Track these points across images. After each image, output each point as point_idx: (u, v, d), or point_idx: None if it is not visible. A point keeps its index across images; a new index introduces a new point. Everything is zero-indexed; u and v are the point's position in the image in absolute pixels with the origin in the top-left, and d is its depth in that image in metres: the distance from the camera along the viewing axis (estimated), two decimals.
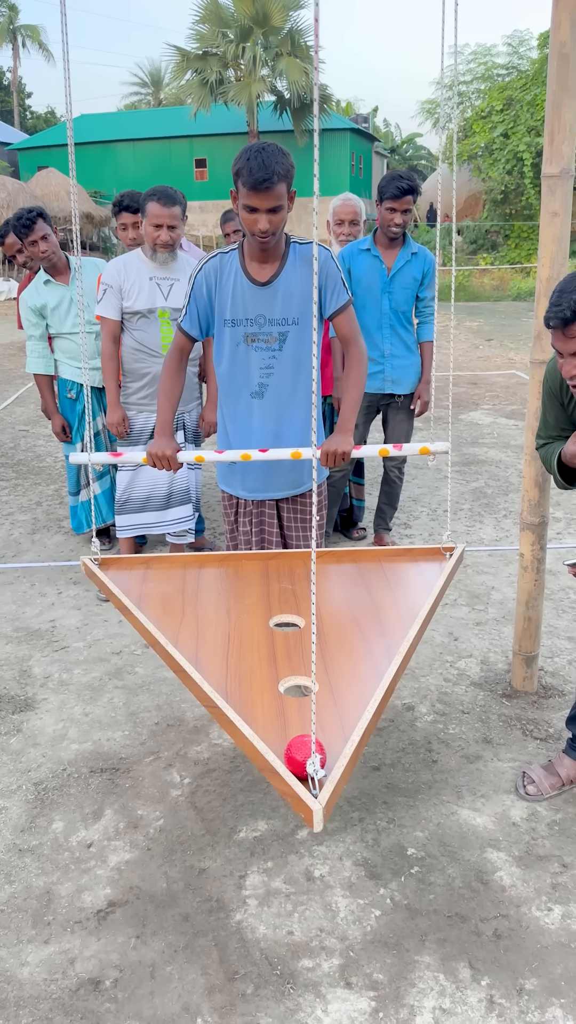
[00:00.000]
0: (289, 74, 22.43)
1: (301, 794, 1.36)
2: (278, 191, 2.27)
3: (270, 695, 1.76)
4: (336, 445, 2.42)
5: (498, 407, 7.83)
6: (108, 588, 2.19)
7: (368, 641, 1.98)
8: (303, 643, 1.99)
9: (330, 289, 2.52)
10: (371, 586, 2.31)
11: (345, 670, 1.86)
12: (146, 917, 2.04)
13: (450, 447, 2.47)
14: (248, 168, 2.24)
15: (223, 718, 1.60)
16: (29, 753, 2.69)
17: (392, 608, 2.16)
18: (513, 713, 2.85)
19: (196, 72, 23.01)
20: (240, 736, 1.52)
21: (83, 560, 2.34)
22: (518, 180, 21.91)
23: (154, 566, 2.43)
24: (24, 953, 1.95)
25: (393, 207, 3.72)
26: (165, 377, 2.60)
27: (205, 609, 2.16)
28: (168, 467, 2.47)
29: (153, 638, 1.93)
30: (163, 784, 2.53)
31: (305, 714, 1.68)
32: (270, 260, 2.47)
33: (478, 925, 2.00)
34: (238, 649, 1.95)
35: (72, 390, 4.14)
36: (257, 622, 2.10)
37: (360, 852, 2.24)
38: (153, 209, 3.34)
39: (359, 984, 1.85)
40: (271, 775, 1.43)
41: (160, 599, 2.21)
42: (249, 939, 1.97)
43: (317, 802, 1.34)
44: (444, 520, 4.73)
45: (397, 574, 2.37)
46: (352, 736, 1.52)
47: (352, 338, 2.58)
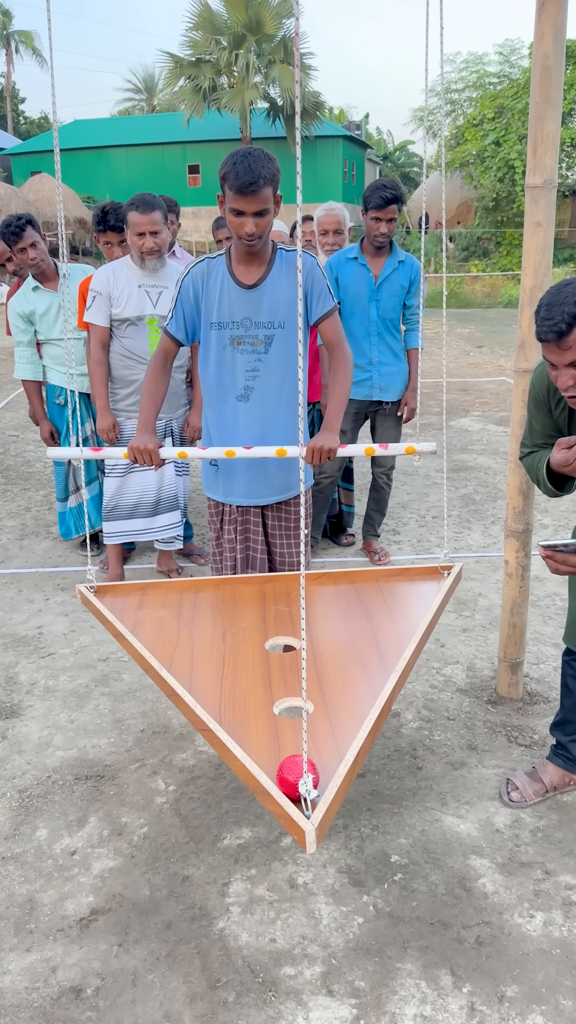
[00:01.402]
0: (282, 81, 22.52)
1: (294, 815, 1.36)
2: (264, 195, 2.29)
3: (264, 717, 1.76)
4: (322, 442, 2.43)
5: (488, 414, 7.86)
6: (103, 615, 2.19)
7: (365, 662, 1.99)
8: (298, 664, 2.00)
9: (316, 295, 2.53)
10: (368, 607, 2.31)
11: (341, 691, 1.86)
12: (129, 925, 2.04)
13: (436, 449, 2.48)
14: (234, 172, 2.26)
15: (216, 741, 1.59)
16: (14, 760, 2.68)
17: (389, 629, 2.17)
18: (498, 720, 2.86)
19: (189, 79, 23.07)
20: (232, 758, 1.52)
21: (79, 588, 2.35)
22: (509, 188, 22.04)
23: (150, 592, 2.43)
24: (6, 961, 1.94)
25: (378, 216, 3.74)
26: (149, 378, 2.61)
27: (201, 633, 2.16)
28: (149, 462, 2.47)
29: (147, 664, 1.92)
30: (148, 791, 2.52)
31: (300, 735, 1.68)
32: (256, 263, 2.49)
33: (460, 932, 2.00)
34: (232, 672, 1.96)
35: (60, 396, 4.15)
36: (252, 645, 2.11)
37: (344, 859, 2.24)
38: (133, 218, 3.36)
39: (341, 992, 1.85)
40: (264, 797, 1.43)
41: (156, 624, 2.21)
42: (232, 947, 1.97)
43: (310, 823, 1.34)
44: (432, 527, 4.75)
45: (395, 594, 2.38)
46: (347, 756, 1.52)
47: (337, 343, 2.59)
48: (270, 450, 2.45)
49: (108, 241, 3.76)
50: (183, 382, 3.84)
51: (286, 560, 2.82)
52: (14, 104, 44.61)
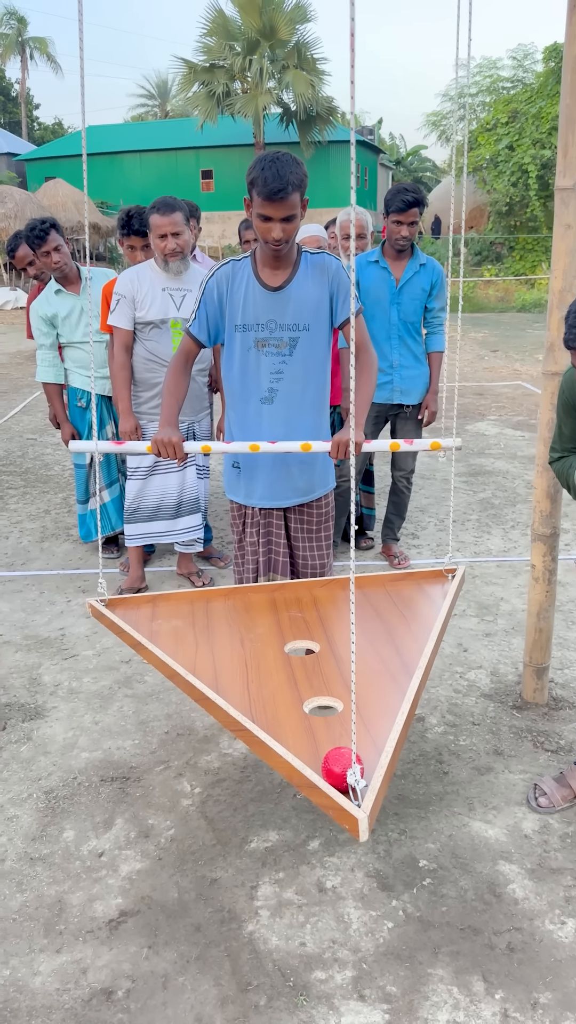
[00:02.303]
0: (295, 86, 22.56)
1: (345, 805, 1.36)
2: (292, 200, 2.30)
3: (296, 716, 1.76)
4: (346, 436, 2.43)
5: (504, 418, 7.84)
6: (118, 627, 2.19)
7: (385, 661, 1.99)
8: (321, 666, 2.00)
9: (341, 297, 2.54)
10: (380, 609, 2.32)
11: (367, 688, 1.86)
12: (158, 927, 2.04)
13: (461, 444, 2.48)
14: (263, 178, 2.27)
15: (253, 740, 1.59)
16: (39, 761, 2.69)
17: (403, 629, 2.17)
18: (524, 725, 2.84)
19: (203, 84, 23.16)
20: (273, 756, 1.52)
21: (89, 603, 2.34)
22: (523, 192, 22.00)
23: (160, 604, 2.44)
24: (36, 962, 1.94)
25: (399, 220, 3.75)
26: (170, 376, 2.62)
27: (218, 640, 2.17)
28: (173, 455, 2.47)
29: (171, 670, 1.93)
30: (173, 793, 2.52)
31: (334, 732, 1.68)
32: (282, 266, 2.49)
33: (491, 938, 1.99)
34: (257, 675, 1.96)
35: (82, 399, 4.16)
36: (272, 649, 2.11)
37: (372, 864, 2.23)
38: (155, 221, 3.38)
39: (372, 997, 1.84)
40: (310, 790, 1.43)
41: (171, 634, 2.22)
42: (261, 950, 1.97)
43: (361, 811, 1.34)
44: (452, 530, 4.73)
45: (403, 597, 2.39)
46: (386, 747, 1.53)
47: (363, 345, 2.60)
48: (295, 445, 2.45)
49: (132, 245, 3.78)
50: (204, 385, 3.85)
51: (308, 563, 2.82)
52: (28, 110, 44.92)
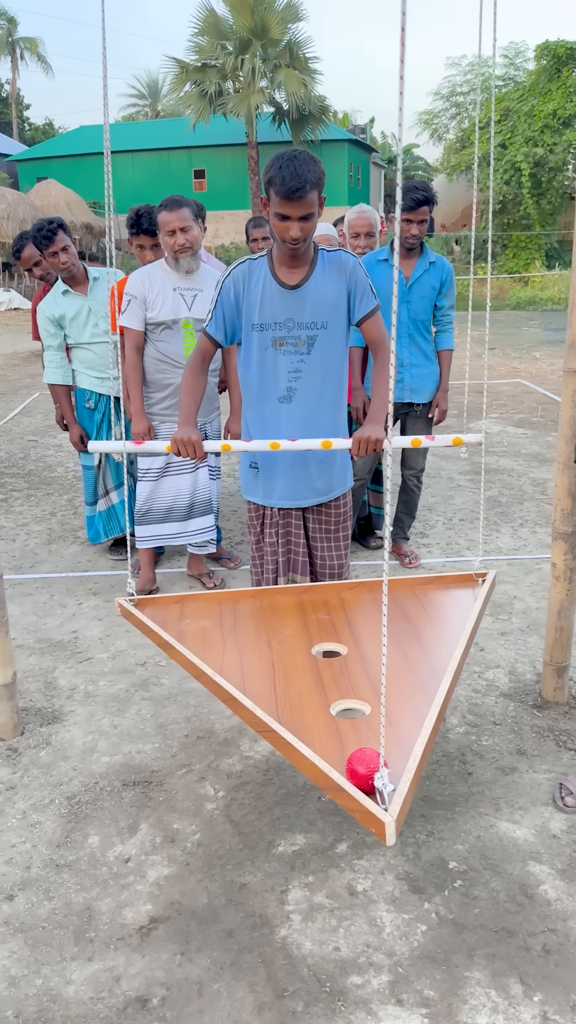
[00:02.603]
0: (288, 86, 22.50)
1: (371, 808, 1.34)
2: (310, 199, 2.28)
3: (323, 718, 1.75)
4: (368, 433, 2.42)
5: (506, 416, 7.84)
6: (146, 626, 2.19)
7: (413, 665, 1.98)
8: (349, 669, 1.99)
9: (358, 294, 2.53)
10: (408, 613, 2.31)
11: (395, 692, 1.85)
12: (189, 933, 2.02)
13: (483, 440, 2.47)
14: (281, 177, 2.25)
15: (280, 741, 1.58)
16: (59, 766, 2.66)
17: (432, 634, 2.16)
18: (545, 724, 2.83)
19: (195, 84, 23.09)
20: (300, 757, 1.51)
21: (118, 601, 2.36)
22: (516, 190, 22.03)
23: (188, 604, 2.44)
24: (68, 971, 1.92)
25: (409, 218, 3.73)
26: (187, 375, 2.61)
27: (245, 641, 2.16)
28: (193, 454, 2.45)
29: (198, 670, 1.92)
30: (197, 797, 2.50)
31: (361, 735, 1.67)
32: (300, 265, 2.48)
33: (526, 940, 1.98)
34: (284, 677, 1.95)
35: (90, 400, 4.13)
36: (299, 651, 2.10)
37: (401, 866, 2.21)
38: (163, 218, 3.36)
39: (410, 1001, 1.83)
40: (337, 793, 1.42)
41: (199, 634, 2.22)
42: (295, 955, 1.95)
43: (388, 815, 1.33)
44: (460, 529, 4.73)
45: (432, 602, 2.37)
46: (414, 751, 1.51)
47: (382, 341, 2.59)
48: (315, 442, 2.44)
49: (141, 244, 3.75)
50: (215, 386, 3.83)
51: (326, 563, 2.81)
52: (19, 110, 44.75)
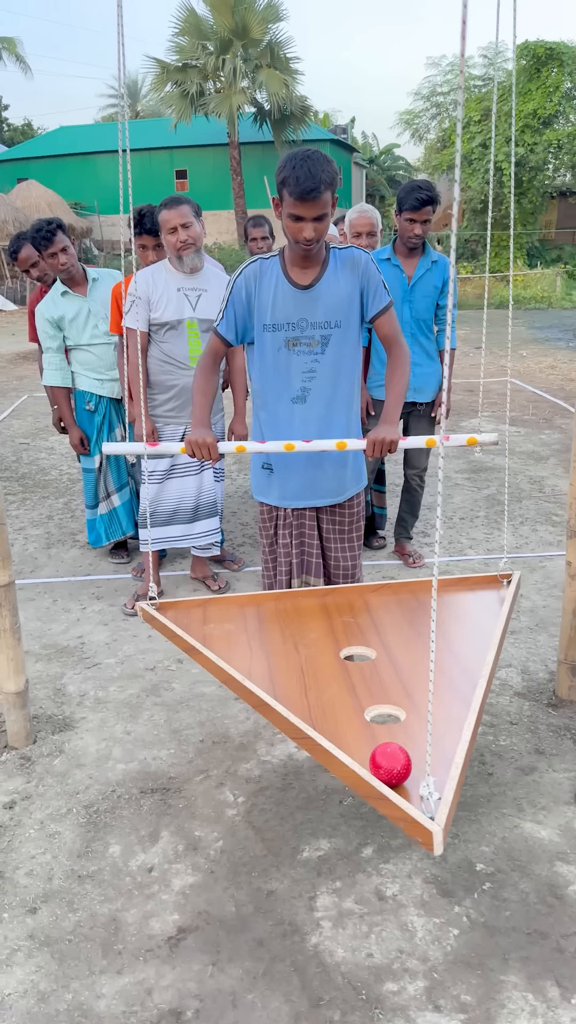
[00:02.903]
0: (269, 86, 22.44)
1: (418, 818, 1.32)
2: (324, 199, 2.26)
3: (358, 724, 1.73)
4: (384, 434, 2.41)
5: (498, 414, 7.86)
6: (170, 630, 2.15)
7: (445, 669, 1.96)
8: (380, 673, 1.96)
9: (371, 292, 2.51)
10: (436, 617, 2.28)
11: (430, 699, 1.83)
12: (219, 943, 1.99)
13: (497, 440, 2.46)
14: (295, 177, 2.22)
15: (317, 749, 1.55)
16: (75, 775, 2.62)
17: (461, 637, 2.14)
18: (561, 723, 2.83)
19: (176, 84, 22.98)
20: (339, 766, 1.48)
21: (140, 606, 2.32)
22: (497, 190, 22.14)
23: (211, 608, 2.41)
24: (98, 985, 1.88)
25: (413, 218, 3.72)
26: (199, 376, 2.58)
27: (271, 645, 2.13)
28: (208, 456, 2.43)
29: (226, 675, 1.89)
30: (217, 804, 2.47)
31: (398, 741, 1.65)
32: (312, 265, 2.45)
33: (559, 941, 1.96)
34: (315, 682, 1.92)
35: (90, 402, 4.09)
36: (327, 655, 2.07)
37: (428, 869, 2.19)
38: (163, 216, 3.33)
39: (448, 1007, 1.81)
40: (379, 802, 1.39)
41: (224, 638, 2.18)
42: (328, 963, 1.92)
43: (436, 824, 1.30)
44: (461, 528, 4.72)
45: (458, 604, 2.35)
46: (455, 759, 1.49)
47: (395, 338, 2.57)
48: (330, 443, 2.42)
49: (143, 244, 3.71)
50: (219, 386, 3.79)
51: (340, 564, 2.79)
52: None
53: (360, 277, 2.49)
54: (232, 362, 3.76)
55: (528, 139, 21.82)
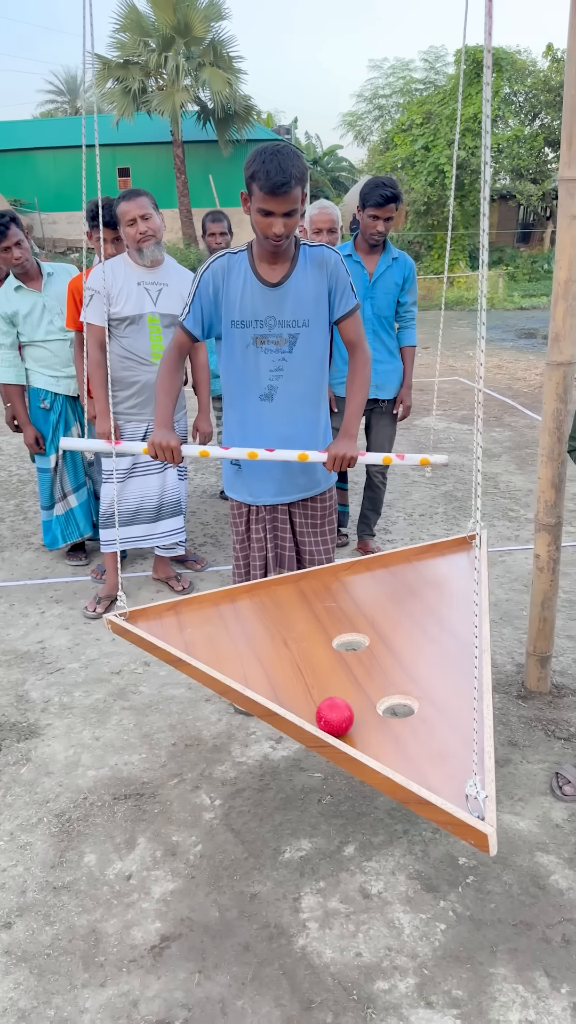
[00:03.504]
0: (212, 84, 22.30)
1: (470, 821, 1.28)
2: (294, 195, 2.23)
3: (374, 721, 1.68)
4: (344, 450, 2.40)
5: (449, 412, 7.94)
6: (148, 642, 2.02)
7: (440, 644, 1.93)
8: (378, 660, 1.93)
9: (339, 293, 2.49)
10: (412, 587, 2.27)
11: (437, 682, 1.79)
12: (204, 950, 1.94)
13: (448, 461, 2.50)
14: (264, 172, 2.19)
15: (341, 757, 1.49)
16: (44, 783, 2.54)
17: (444, 605, 2.12)
18: (532, 714, 2.85)
19: (118, 80, 22.68)
20: (370, 772, 1.42)
21: (108, 618, 2.14)
22: (440, 192, 22.42)
23: (184, 610, 2.29)
24: (81, 999, 1.82)
25: (376, 215, 3.72)
26: (163, 373, 2.52)
27: (259, 644, 2.06)
28: (171, 459, 2.38)
29: (223, 686, 1.78)
30: (193, 807, 2.42)
31: (419, 734, 1.61)
32: (281, 262, 2.42)
33: (545, 931, 1.97)
34: (316, 680, 1.86)
35: (45, 400, 3.98)
36: (320, 647, 2.02)
37: (411, 865, 2.18)
38: (122, 209, 3.27)
39: (440, 1003, 1.79)
40: (423, 807, 1.35)
41: (208, 643, 2.08)
42: (317, 964, 1.89)
43: (488, 824, 1.28)
44: (422, 524, 4.75)
45: (432, 570, 2.34)
46: (485, 748, 1.46)
47: (357, 342, 2.56)
48: (292, 454, 2.41)
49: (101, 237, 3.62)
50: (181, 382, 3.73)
51: (315, 557, 2.77)
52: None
53: (329, 277, 2.46)
54: (195, 358, 3.71)
55: (468, 142, 22.17)
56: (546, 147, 23.79)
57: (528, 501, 5.11)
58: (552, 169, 24.10)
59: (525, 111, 24.58)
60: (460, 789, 1.42)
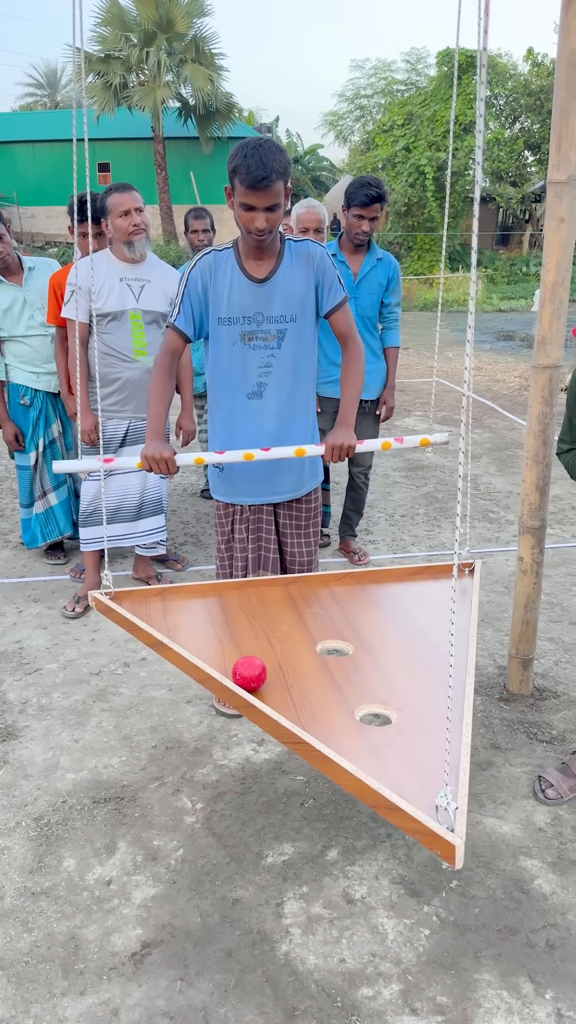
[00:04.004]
0: (194, 81, 22.19)
1: (438, 831, 1.27)
2: (276, 189, 2.21)
3: (351, 726, 1.67)
4: (341, 440, 2.38)
5: (429, 413, 7.96)
6: (131, 623, 2.02)
7: (425, 662, 1.93)
8: (361, 669, 1.92)
9: (326, 286, 2.47)
10: (404, 606, 2.26)
11: (420, 696, 1.79)
12: (186, 957, 1.91)
13: (448, 440, 2.47)
14: (246, 166, 2.17)
15: (314, 755, 1.48)
16: (21, 786, 2.49)
17: (435, 628, 2.11)
18: (514, 716, 2.85)
19: (99, 75, 22.50)
20: (343, 773, 1.41)
21: (93, 595, 2.16)
22: (420, 193, 22.51)
23: (170, 597, 2.30)
24: (60, 1008, 1.78)
25: (361, 214, 3.70)
26: (158, 379, 2.47)
27: (243, 639, 2.05)
28: (166, 471, 2.35)
29: (203, 673, 1.79)
30: (174, 811, 2.39)
31: (395, 744, 1.60)
32: (266, 257, 2.40)
33: (529, 936, 1.97)
34: (296, 680, 1.85)
35: (25, 396, 3.92)
36: (303, 649, 2.01)
37: (395, 869, 2.17)
38: (115, 200, 3.22)
39: (425, 1009, 1.78)
40: (393, 813, 1.34)
41: (191, 632, 2.08)
42: (301, 971, 1.87)
43: (457, 836, 1.26)
44: (403, 525, 4.74)
45: (425, 593, 2.33)
46: (461, 763, 1.45)
47: (349, 334, 2.54)
48: (288, 450, 2.38)
49: (84, 232, 3.58)
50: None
51: (297, 559, 2.75)
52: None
53: (315, 271, 2.44)
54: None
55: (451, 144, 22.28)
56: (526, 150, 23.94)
57: (508, 503, 5.13)
58: (532, 172, 24.28)
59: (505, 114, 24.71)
60: (432, 801, 1.41)
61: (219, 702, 2.88)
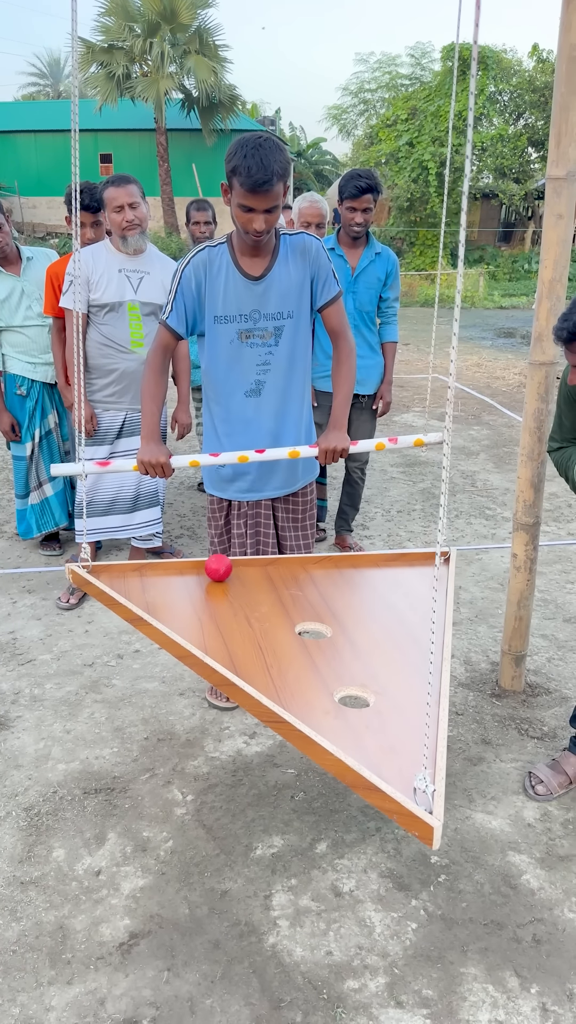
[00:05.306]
0: (197, 72, 22.13)
1: (417, 812, 1.28)
2: (276, 191, 2.18)
3: (330, 707, 1.67)
4: (335, 442, 2.38)
5: (427, 409, 7.96)
6: (109, 597, 2.01)
7: (401, 647, 1.93)
8: (339, 651, 1.92)
9: (322, 280, 2.46)
10: (380, 591, 2.26)
11: (396, 680, 1.79)
12: (173, 947, 1.92)
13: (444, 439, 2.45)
14: (246, 167, 2.12)
15: (294, 734, 1.49)
16: (12, 776, 2.50)
17: (411, 613, 2.11)
18: (505, 713, 2.86)
19: (102, 65, 22.41)
20: (322, 753, 1.42)
21: (70, 567, 2.15)
22: (423, 188, 22.45)
23: (148, 573, 2.29)
24: (47, 997, 1.79)
25: (353, 206, 3.69)
26: (149, 377, 2.46)
27: (223, 619, 2.04)
28: (162, 475, 2.34)
29: (182, 650, 1.79)
30: (165, 803, 2.39)
31: (373, 726, 1.61)
32: (262, 254, 2.38)
33: (516, 931, 1.97)
34: (276, 660, 1.86)
35: (22, 386, 3.91)
36: (282, 630, 2.01)
37: (384, 863, 2.18)
38: (110, 194, 3.21)
39: (410, 1002, 1.79)
40: (371, 793, 1.35)
41: (170, 608, 2.08)
42: (287, 963, 1.88)
43: (435, 818, 1.27)
44: (399, 520, 4.75)
45: (402, 579, 2.33)
46: (439, 747, 1.46)
47: (341, 331, 2.52)
48: (283, 452, 2.37)
49: (80, 221, 3.56)
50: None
51: (294, 551, 2.75)
52: None
53: (311, 264, 2.43)
54: (176, 349, 3.66)
55: (453, 140, 22.20)
56: (530, 147, 23.91)
57: (505, 500, 5.13)
58: (535, 169, 24.23)
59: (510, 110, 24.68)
60: (410, 784, 1.41)
61: (211, 694, 2.88)
